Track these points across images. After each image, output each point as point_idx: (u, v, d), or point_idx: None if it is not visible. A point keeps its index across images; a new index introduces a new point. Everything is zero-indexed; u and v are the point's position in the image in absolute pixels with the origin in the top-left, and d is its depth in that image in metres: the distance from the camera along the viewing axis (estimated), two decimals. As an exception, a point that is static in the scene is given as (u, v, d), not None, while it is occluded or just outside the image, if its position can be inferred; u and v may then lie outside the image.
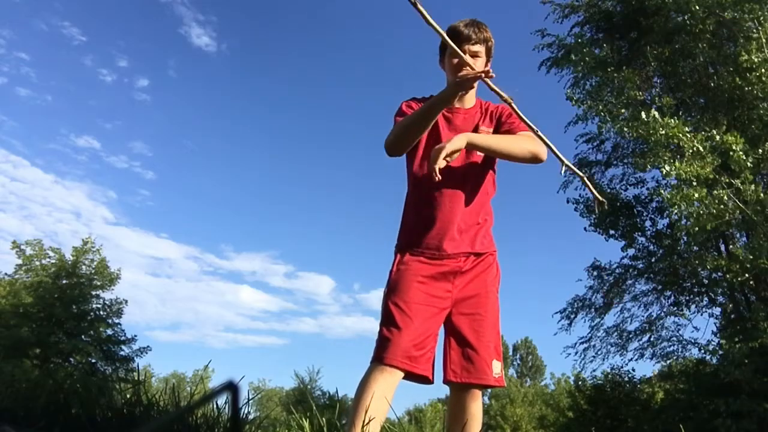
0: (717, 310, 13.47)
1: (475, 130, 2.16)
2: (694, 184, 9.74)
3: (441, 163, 1.93)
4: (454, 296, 2.06)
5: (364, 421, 1.81)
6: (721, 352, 11.21)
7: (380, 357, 1.92)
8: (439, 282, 2.06)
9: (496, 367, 2.07)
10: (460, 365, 2.02)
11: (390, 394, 1.91)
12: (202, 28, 68.27)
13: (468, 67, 2.02)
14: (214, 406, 1.99)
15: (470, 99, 2.24)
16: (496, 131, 2.17)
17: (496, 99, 2.12)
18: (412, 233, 2.13)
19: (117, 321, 19.23)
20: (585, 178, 2.20)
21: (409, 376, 1.96)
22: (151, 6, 60.05)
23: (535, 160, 2.07)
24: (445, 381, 2.05)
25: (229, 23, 66.35)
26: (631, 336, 14.55)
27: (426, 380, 1.99)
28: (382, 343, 1.95)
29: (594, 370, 15.54)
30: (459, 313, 2.06)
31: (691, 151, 9.79)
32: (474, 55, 2.13)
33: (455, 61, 2.11)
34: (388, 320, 1.98)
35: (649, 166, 11.08)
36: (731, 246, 12.35)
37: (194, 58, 62.32)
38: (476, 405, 2.05)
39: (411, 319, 1.96)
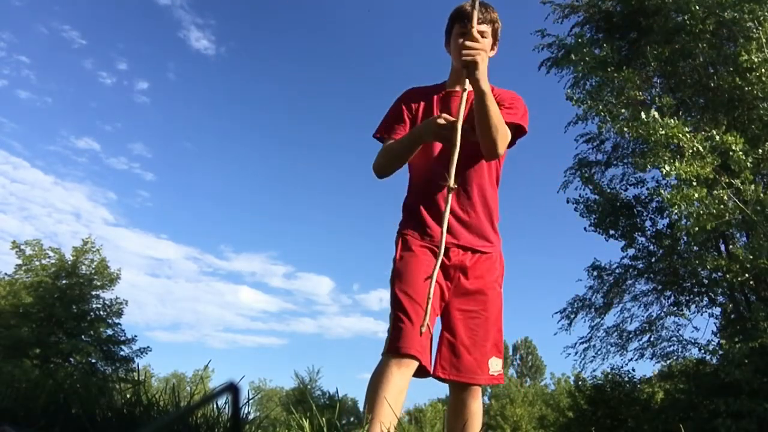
0: (717, 310, 13.47)
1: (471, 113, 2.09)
2: (694, 184, 9.73)
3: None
4: (454, 291, 2.03)
5: (383, 416, 1.77)
6: (721, 352, 11.21)
7: (396, 347, 1.86)
8: (442, 274, 2.00)
9: (495, 364, 2.03)
10: (450, 362, 1.99)
11: (406, 387, 1.87)
12: (201, 32, 68.39)
13: (472, 45, 1.89)
14: (215, 406, 1.99)
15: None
16: None
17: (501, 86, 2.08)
18: (417, 219, 2.07)
19: (117, 321, 19.27)
20: None
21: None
22: (151, 10, 60.23)
23: (492, 149, 1.99)
24: (433, 375, 2.01)
25: (227, 27, 66.50)
26: (631, 336, 14.54)
27: (426, 372, 1.95)
28: (397, 333, 1.88)
29: (594, 370, 15.55)
30: (456, 308, 2.02)
31: (691, 151, 9.78)
32: (480, 35, 2.04)
33: (460, 40, 2.03)
34: (399, 310, 1.91)
35: (649, 166, 11.06)
36: (731, 246, 12.34)
37: (193, 61, 62.52)
38: (476, 403, 2.02)
39: (416, 311, 1.91)
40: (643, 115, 10.10)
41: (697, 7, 11.03)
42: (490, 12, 2.11)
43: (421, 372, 1.94)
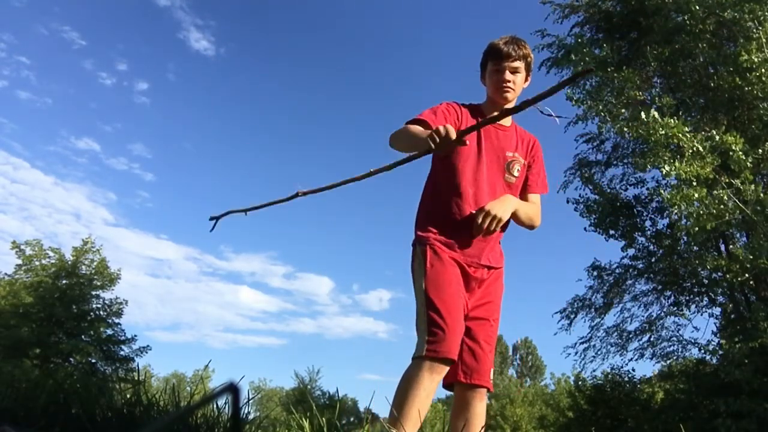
0: (717, 310, 13.48)
1: (507, 150, 2.28)
2: (694, 184, 9.73)
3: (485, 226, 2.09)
4: (472, 303, 2.14)
5: (409, 418, 1.86)
6: (721, 352, 11.21)
7: (437, 351, 1.93)
8: (467, 287, 2.13)
9: (491, 372, 2.18)
10: (470, 367, 2.08)
11: (434, 391, 1.96)
12: (201, 33, 68.37)
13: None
14: (215, 406, 1.99)
15: (507, 118, 2.33)
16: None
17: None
18: (450, 232, 2.16)
19: (117, 321, 19.23)
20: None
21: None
22: (151, 11, 60.16)
23: (530, 228, 2.31)
24: (453, 381, 2.10)
25: (227, 28, 66.37)
26: (631, 336, 14.54)
27: (449, 385, 2.10)
28: (437, 338, 1.95)
29: (594, 370, 15.55)
30: (473, 317, 2.13)
31: (691, 151, 9.78)
32: (514, 71, 2.23)
33: (495, 78, 2.24)
34: (438, 315, 1.98)
35: (649, 166, 11.06)
36: (731, 246, 12.34)
37: (193, 61, 62.43)
38: (482, 405, 2.10)
39: (453, 318, 2.00)
40: (643, 115, 10.09)
41: (697, 7, 11.02)
42: (523, 48, 2.26)
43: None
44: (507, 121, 2.31)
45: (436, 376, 1.93)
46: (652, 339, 14.22)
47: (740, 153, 9.60)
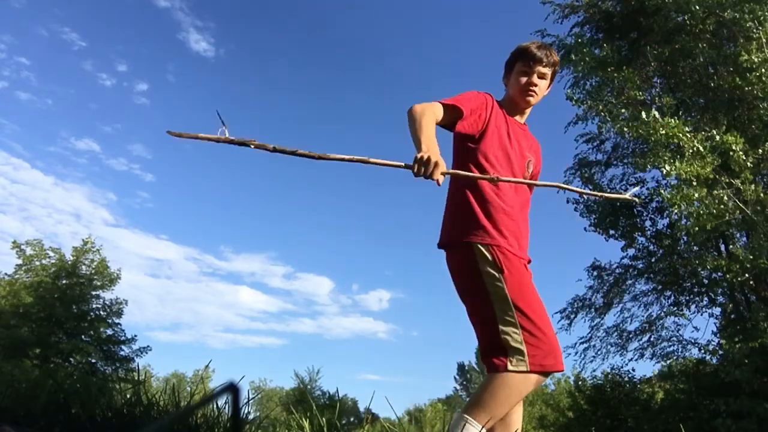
0: (717, 310, 13.47)
1: (525, 150, 2.27)
2: (694, 183, 9.73)
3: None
4: None
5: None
6: (721, 352, 11.22)
7: (543, 365, 1.90)
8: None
9: None
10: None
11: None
12: (201, 34, 68.42)
13: (534, 88, 2.25)
14: (215, 406, 1.99)
15: (528, 113, 2.37)
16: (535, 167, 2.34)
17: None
18: (502, 232, 2.05)
19: (117, 321, 19.24)
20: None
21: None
22: (150, 12, 60.27)
23: None
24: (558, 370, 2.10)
25: (226, 29, 66.53)
26: (631, 336, 14.54)
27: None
28: (541, 350, 1.91)
29: (594, 370, 15.55)
30: None
31: (691, 151, 9.78)
32: (542, 76, 2.25)
33: (523, 80, 2.23)
34: (533, 326, 1.93)
35: (649, 166, 11.07)
36: (731, 246, 12.33)
37: (193, 62, 62.57)
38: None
39: (547, 324, 2.00)
40: (643, 115, 10.09)
41: (697, 7, 11.02)
42: (553, 55, 2.29)
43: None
44: (524, 119, 2.34)
45: (534, 385, 1.93)
46: (652, 339, 14.23)
47: (740, 153, 9.60)
